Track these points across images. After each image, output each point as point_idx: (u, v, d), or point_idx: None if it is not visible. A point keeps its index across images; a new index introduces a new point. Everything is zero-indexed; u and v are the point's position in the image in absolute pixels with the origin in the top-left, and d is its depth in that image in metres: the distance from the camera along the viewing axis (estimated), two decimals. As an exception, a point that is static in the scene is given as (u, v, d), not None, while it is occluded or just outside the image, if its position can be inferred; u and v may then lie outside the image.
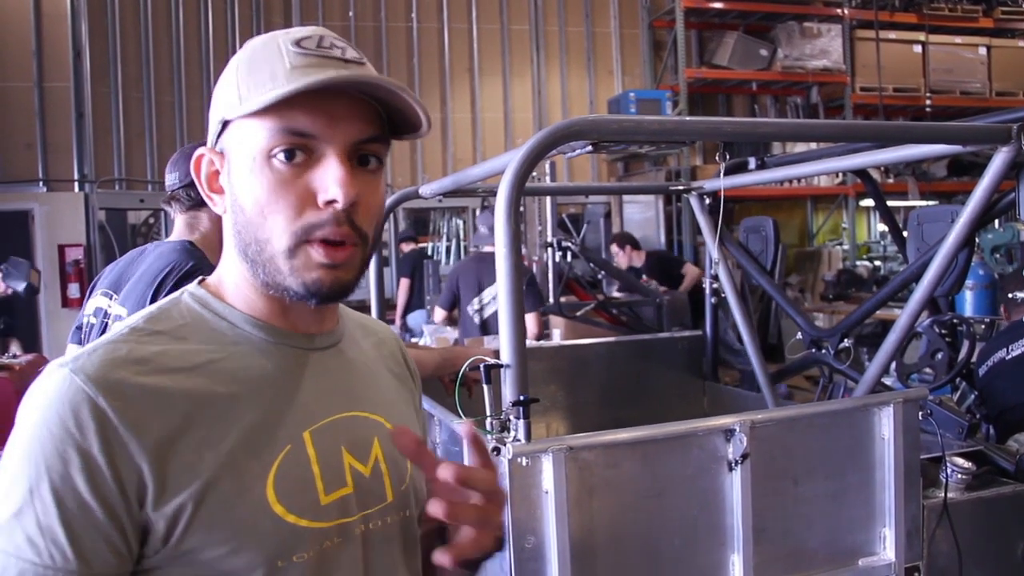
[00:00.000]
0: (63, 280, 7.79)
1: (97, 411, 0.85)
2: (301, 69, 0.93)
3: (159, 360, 0.92)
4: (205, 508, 0.88)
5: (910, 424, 1.95)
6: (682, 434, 1.79)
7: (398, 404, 1.17)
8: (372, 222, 0.98)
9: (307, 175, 0.93)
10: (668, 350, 3.57)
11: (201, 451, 0.89)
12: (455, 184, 2.69)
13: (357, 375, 1.09)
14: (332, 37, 0.97)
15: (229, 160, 0.98)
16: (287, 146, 0.93)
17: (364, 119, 0.96)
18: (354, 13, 9.87)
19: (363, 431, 1.05)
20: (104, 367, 0.88)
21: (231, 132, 0.97)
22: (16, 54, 7.96)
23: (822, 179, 9.96)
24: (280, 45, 0.95)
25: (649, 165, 10.16)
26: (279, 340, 1.00)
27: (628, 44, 10.66)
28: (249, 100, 0.93)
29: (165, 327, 0.96)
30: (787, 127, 2.14)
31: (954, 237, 2.15)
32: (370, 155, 0.98)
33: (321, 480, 0.97)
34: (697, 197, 3.15)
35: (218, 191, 1.01)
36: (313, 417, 0.99)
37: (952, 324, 2.55)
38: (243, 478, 0.91)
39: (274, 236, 0.94)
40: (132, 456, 0.85)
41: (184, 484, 0.87)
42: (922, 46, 10.32)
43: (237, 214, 0.97)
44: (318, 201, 0.93)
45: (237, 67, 0.98)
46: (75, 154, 8.12)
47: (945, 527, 2.02)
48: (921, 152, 2.20)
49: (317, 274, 0.94)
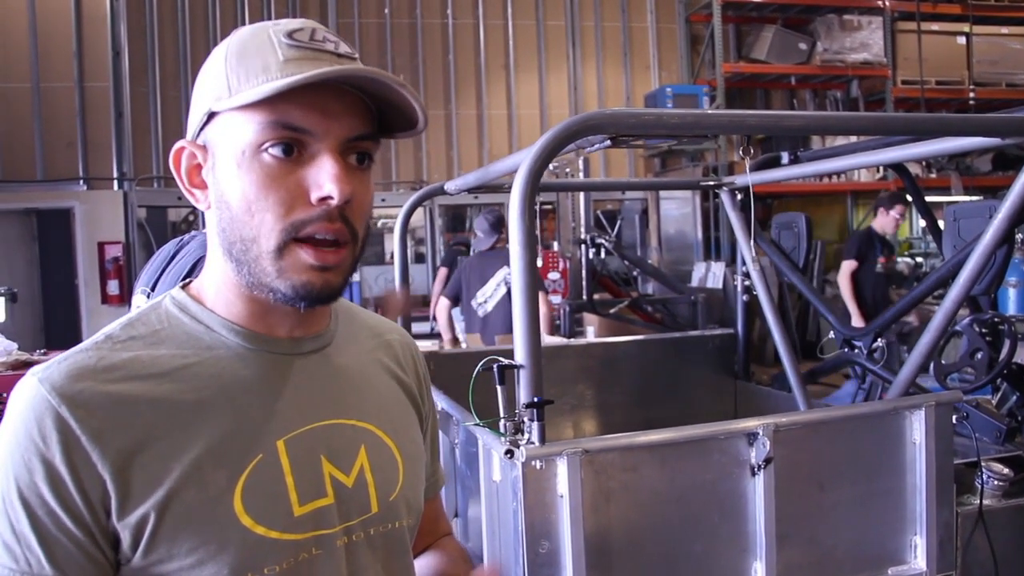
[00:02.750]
0: (103, 277, 7.91)
1: (60, 421, 0.84)
2: (295, 62, 0.89)
3: (129, 367, 0.90)
4: (169, 518, 0.86)
5: (943, 428, 1.88)
6: (703, 437, 1.74)
7: (394, 410, 1.12)
8: (363, 221, 0.96)
9: (299, 171, 0.90)
10: (699, 348, 3.52)
11: (165, 460, 0.87)
12: (479, 180, 2.66)
13: (346, 380, 1.05)
14: (324, 30, 0.94)
15: (214, 154, 0.94)
16: (281, 141, 0.89)
17: (357, 115, 0.93)
18: (390, 10, 9.87)
19: (346, 439, 1.01)
20: (70, 377, 0.87)
21: (217, 124, 0.93)
22: (58, 55, 8.08)
23: (862, 174, 9.76)
24: (272, 36, 0.92)
25: (686, 161, 10.05)
26: (258, 346, 0.97)
27: (665, 39, 10.55)
28: (241, 92, 0.89)
29: (140, 332, 0.94)
30: (813, 120, 2.06)
31: (992, 234, 2.07)
32: (362, 152, 0.95)
33: (295, 491, 0.94)
34: (728, 193, 3.09)
35: (199, 186, 0.97)
36: (289, 425, 0.96)
37: (993, 323, 2.47)
38: (208, 488, 0.88)
39: (261, 234, 0.90)
40: (94, 466, 0.84)
41: (147, 494, 0.86)
42: (966, 37, 10.09)
43: (222, 211, 0.93)
44: (311, 198, 0.90)
45: (226, 57, 0.93)
46: (114, 152, 8.22)
47: (980, 535, 1.95)
48: (958, 145, 2.13)
49: (306, 277, 0.91)
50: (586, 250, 6.14)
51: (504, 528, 1.69)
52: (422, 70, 9.91)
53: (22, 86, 8.02)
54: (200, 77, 0.96)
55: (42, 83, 8.04)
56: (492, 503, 1.79)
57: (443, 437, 2.32)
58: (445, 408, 2.20)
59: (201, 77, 0.96)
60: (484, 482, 1.84)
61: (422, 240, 10.01)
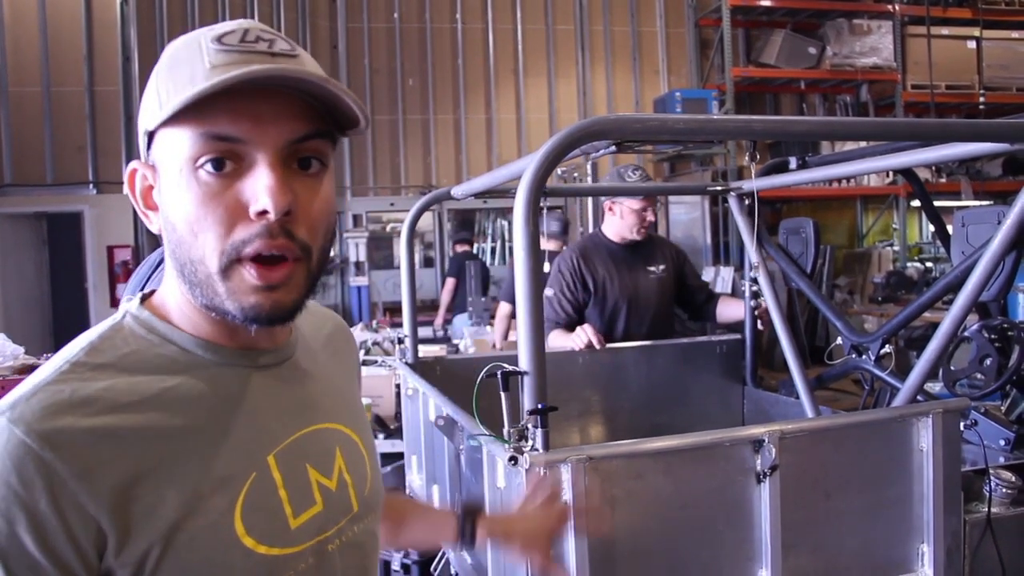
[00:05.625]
0: (112, 281, 7.97)
1: (42, 465, 0.77)
2: (222, 67, 0.83)
3: (106, 398, 0.83)
4: (173, 550, 0.82)
5: (951, 435, 1.86)
6: (708, 444, 1.73)
7: (352, 404, 1.14)
8: (316, 231, 0.90)
9: (236, 185, 0.85)
10: (707, 354, 3.50)
11: (162, 491, 0.83)
12: (485, 185, 2.66)
13: (314, 385, 1.03)
14: (259, 29, 0.88)
15: (159, 174, 0.89)
16: (213, 154, 0.84)
17: (296, 117, 0.87)
18: (399, 15, 9.90)
19: (325, 444, 1.01)
20: (46, 415, 0.80)
21: (158, 143, 0.88)
22: (68, 60, 8.14)
23: (872, 179, 9.73)
24: (201, 43, 0.87)
25: (695, 165, 10.04)
26: (231, 361, 0.93)
27: (674, 43, 10.56)
28: (167, 105, 0.84)
29: (109, 359, 0.88)
30: (819, 125, 2.05)
31: (1000, 239, 2.05)
32: (310, 156, 0.89)
33: (289, 504, 0.92)
34: (736, 198, 3.08)
35: (152, 207, 0.92)
36: (276, 439, 0.94)
37: (1003, 329, 2.45)
38: (210, 515, 0.85)
39: (206, 255, 0.86)
40: (84, 507, 0.78)
41: (148, 528, 0.81)
42: (976, 42, 10.05)
43: (170, 232, 0.88)
44: (249, 213, 0.85)
45: (157, 72, 0.89)
46: (124, 156, 8.27)
47: (988, 544, 1.93)
48: (966, 151, 2.11)
49: (254, 299, 0.86)
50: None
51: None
52: (431, 74, 9.93)
53: (33, 90, 8.07)
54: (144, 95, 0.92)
55: (52, 87, 8.10)
56: (497, 510, 1.78)
57: (447, 443, 2.31)
58: (450, 414, 2.19)
59: (144, 95, 0.92)
60: (488, 489, 1.84)
61: (431, 244, 10.02)
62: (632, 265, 3.62)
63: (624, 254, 3.64)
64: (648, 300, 3.60)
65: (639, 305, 3.58)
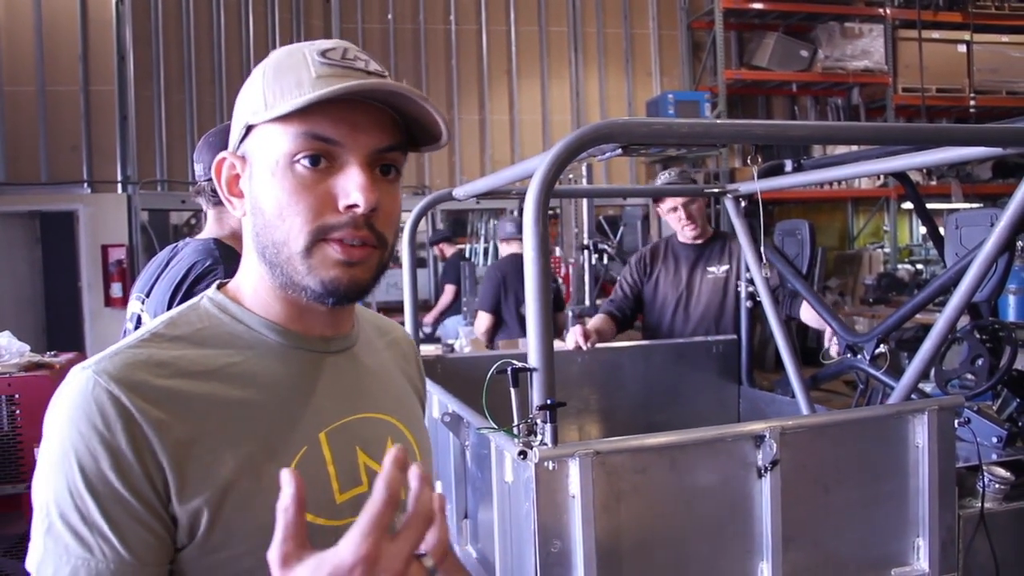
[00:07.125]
0: (106, 280, 7.95)
1: (122, 409, 0.88)
2: (326, 78, 0.95)
3: (178, 364, 0.95)
4: (224, 509, 0.91)
5: (945, 432, 1.91)
6: (711, 440, 1.77)
7: (408, 405, 1.20)
8: (391, 228, 1.01)
9: (328, 180, 0.96)
10: (703, 354, 3.54)
11: (219, 453, 0.92)
12: (488, 187, 2.70)
13: (371, 377, 1.12)
14: (356, 50, 1.00)
15: (251, 164, 1.00)
16: (312, 151, 0.95)
17: (384, 129, 0.99)
18: (393, 16, 9.91)
19: (376, 431, 1.08)
20: (126, 368, 0.91)
21: (254, 137, 0.99)
22: (63, 59, 8.12)
23: (863, 181, 9.82)
24: (306, 55, 0.98)
25: (688, 167, 10.09)
26: (295, 344, 1.02)
27: (667, 45, 10.60)
28: (275, 106, 0.95)
29: (184, 332, 0.99)
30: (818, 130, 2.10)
31: (993, 241, 2.10)
32: (389, 164, 1.00)
33: (336, 480, 1.00)
34: (732, 200, 3.12)
35: (238, 195, 1.03)
36: (328, 419, 1.02)
37: (994, 330, 2.50)
38: (262, 479, 0.93)
39: (291, 237, 0.96)
40: (156, 452, 0.88)
41: (203, 485, 0.90)
42: (967, 45, 10.15)
43: (257, 217, 0.99)
44: (339, 205, 0.95)
45: (263, 74, 1.00)
46: (119, 156, 8.26)
47: (982, 538, 1.98)
48: (959, 155, 2.16)
49: (335, 272, 0.96)
50: (589, 256, 6.18)
51: (516, 529, 1.72)
52: (425, 75, 9.95)
53: (27, 89, 8.06)
54: (241, 93, 1.03)
55: (47, 86, 8.08)
56: (504, 504, 1.82)
57: (452, 439, 2.35)
58: (456, 410, 2.23)
59: (242, 93, 1.02)
60: (496, 483, 1.87)
61: (423, 245, 10.03)
62: (693, 265, 3.78)
63: (687, 254, 3.81)
64: (699, 299, 3.73)
65: (688, 303, 3.73)
